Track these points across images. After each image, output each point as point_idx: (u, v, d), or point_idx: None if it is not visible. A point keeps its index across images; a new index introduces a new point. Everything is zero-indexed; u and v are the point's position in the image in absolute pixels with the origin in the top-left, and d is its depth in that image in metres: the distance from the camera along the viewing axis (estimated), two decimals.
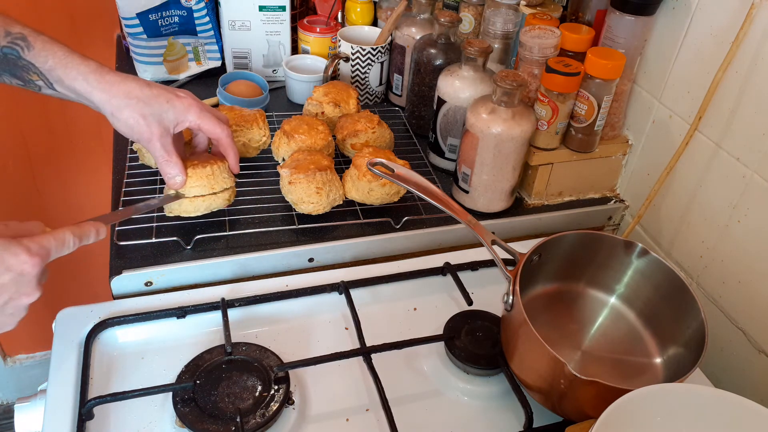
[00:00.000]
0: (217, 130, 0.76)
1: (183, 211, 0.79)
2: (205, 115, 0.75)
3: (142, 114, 0.71)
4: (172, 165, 0.75)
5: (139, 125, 0.71)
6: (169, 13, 1.10)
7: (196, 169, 0.78)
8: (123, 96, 0.70)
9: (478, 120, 0.84)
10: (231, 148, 0.79)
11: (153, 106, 0.71)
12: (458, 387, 0.70)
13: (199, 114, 0.75)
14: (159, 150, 0.73)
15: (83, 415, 0.61)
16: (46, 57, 0.69)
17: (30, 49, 0.68)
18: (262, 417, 0.62)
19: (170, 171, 0.76)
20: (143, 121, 0.71)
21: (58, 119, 1.46)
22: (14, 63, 0.69)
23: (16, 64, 0.69)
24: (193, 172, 0.77)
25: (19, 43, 0.68)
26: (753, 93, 0.73)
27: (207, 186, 0.79)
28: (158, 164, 0.75)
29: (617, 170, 0.97)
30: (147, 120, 0.71)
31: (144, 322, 0.71)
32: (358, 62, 1.09)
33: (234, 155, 0.80)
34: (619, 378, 0.69)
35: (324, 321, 0.76)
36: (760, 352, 0.75)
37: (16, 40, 0.68)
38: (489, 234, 0.71)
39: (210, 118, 0.76)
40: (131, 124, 0.71)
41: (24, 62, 0.69)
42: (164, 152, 0.74)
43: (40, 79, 0.70)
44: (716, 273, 0.81)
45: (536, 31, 0.87)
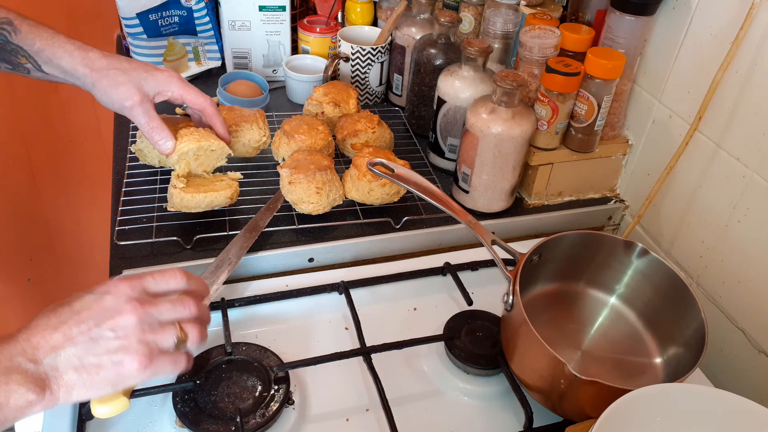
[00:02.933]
0: (200, 99, 0.79)
1: (184, 207, 0.80)
2: (187, 86, 0.78)
3: (120, 81, 0.73)
4: (158, 130, 0.77)
5: (118, 92, 0.73)
6: (169, 13, 1.10)
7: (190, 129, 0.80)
8: (103, 68, 0.73)
9: (478, 120, 0.84)
10: (216, 116, 0.82)
11: (131, 75, 0.74)
12: (458, 387, 0.70)
13: (181, 85, 0.77)
14: (141, 116, 0.75)
15: (83, 415, 0.62)
16: (33, 39, 0.71)
17: (17, 33, 0.70)
18: (262, 417, 0.62)
19: (156, 136, 0.77)
20: (122, 88, 0.73)
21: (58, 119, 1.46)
22: (2, 47, 0.70)
23: (4, 49, 0.71)
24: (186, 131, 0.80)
25: (5, 27, 0.70)
26: (753, 93, 0.73)
27: (196, 137, 0.79)
28: (144, 132, 0.77)
29: (617, 170, 0.97)
30: (126, 86, 0.73)
31: None
32: (358, 62, 1.10)
33: (221, 123, 0.82)
34: (619, 378, 0.69)
35: (324, 321, 0.76)
36: (760, 352, 0.75)
37: (3, 25, 0.70)
38: (489, 234, 0.71)
39: (192, 88, 0.79)
40: (110, 92, 0.73)
41: (12, 46, 0.70)
42: (147, 118, 0.75)
43: (28, 61, 0.72)
44: (716, 273, 0.81)
45: (536, 31, 0.87)
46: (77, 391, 0.51)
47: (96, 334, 0.52)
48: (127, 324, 0.53)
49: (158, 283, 0.57)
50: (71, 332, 0.51)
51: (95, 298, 0.53)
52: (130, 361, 0.52)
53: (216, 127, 0.82)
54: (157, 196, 0.86)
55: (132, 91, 0.73)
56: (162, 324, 0.55)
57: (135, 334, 0.53)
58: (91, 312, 0.52)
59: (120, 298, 0.53)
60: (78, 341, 0.51)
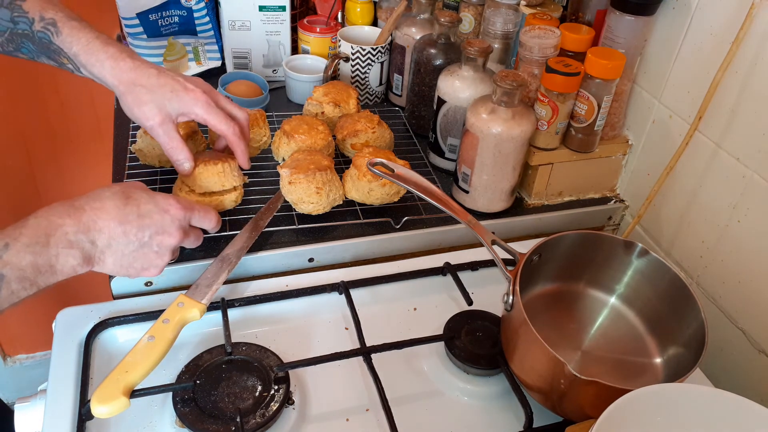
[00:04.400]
0: (222, 126, 0.77)
1: None
2: (212, 110, 0.76)
3: (144, 101, 0.73)
4: (177, 151, 0.77)
5: (141, 111, 0.74)
6: (169, 13, 1.10)
7: (207, 166, 0.79)
8: (129, 83, 0.73)
9: (478, 120, 0.84)
10: (238, 144, 0.80)
11: (156, 94, 0.74)
12: (458, 387, 0.70)
13: (207, 109, 0.76)
14: (162, 136, 0.76)
15: (83, 415, 0.62)
16: (71, 43, 0.72)
17: (59, 35, 0.72)
18: (262, 417, 0.62)
19: (175, 156, 0.78)
20: (145, 107, 0.74)
21: (58, 119, 1.46)
22: (47, 47, 0.73)
23: (48, 48, 0.73)
24: (204, 168, 0.79)
25: (49, 28, 0.72)
26: (753, 93, 0.73)
27: (218, 182, 0.80)
28: (165, 151, 0.77)
29: (617, 170, 0.97)
30: (148, 106, 0.73)
31: (144, 322, 0.71)
32: (358, 62, 1.09)
33: (242, 152, 0.81)
34: (619, 378, 0.69)
35: (324, 321, 0.76)
36: (760, 352, 0.75)
37: (48, 26, 0.72)
38: (489, 234, 0.71)
39: (217, 113, 0.77)
40: (133, 110, 0.74)
41: (55, 47, 0.73)
42: (167, 138, 0.76)
43: (69, 63, 0.74)
44: (716, 273, 0.81)
45: (536, 31, 0.87)
46: (105, 269, 0.63)
47: (146, 242, 0.64)
48: (168, 245, 0.66)
49: (200, 220, 0.71)
50: (130, 232, 0.63)
51: (157, 211, 0.65)
52: (153, 272, 0.67)
53: (236, 154, 0.82)
54: None
55: (154, 111, 0.74)
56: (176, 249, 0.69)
57: (168, 254, 0.67)
58: (151, 221, 0.64)
59: (175, 223, 0.66)
60: (131, 240, 0.63)
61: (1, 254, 0.54)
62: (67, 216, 0.59)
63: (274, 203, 0.85)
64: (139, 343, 0.63)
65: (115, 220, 0.62)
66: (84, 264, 0.60)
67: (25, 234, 0.56)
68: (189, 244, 0.72)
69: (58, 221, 0.58)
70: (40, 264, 0.56)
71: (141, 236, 0.63)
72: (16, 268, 0.55)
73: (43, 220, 0.58)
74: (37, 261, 0.56)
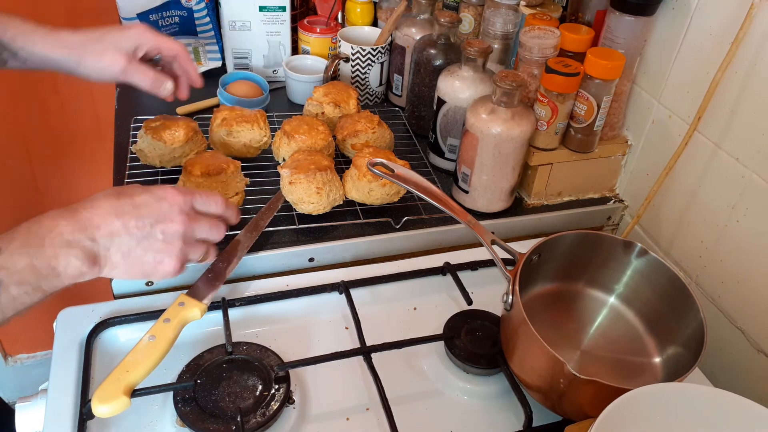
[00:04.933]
0: (174, 45, 0.81)
1: None
2: (160, 35, 0.80)
3: (101, 50, 0.74)
4: (158, 80, 0.79)
5: (104, 61, 0.74)
6: (170, 13, 1.10)
7: (211, 178, 0.80)
8: (79, 45, 0.74)
9: (478, 120, 0.84)
10: (190, 62, 0.83)
11: (107, 40, 0.75)
12: (458, 386, 0.70)
13: (154, 35, 0.79)
14: (136, 73, 0.77)
15: (84, 414, 0.62)
16: (6, 28, 0.72)
17: None
18: (263, 416, 0.63)
19: (159, 85, 0.79)
20: (106, 56, 0.74)
21: (58, 119, 1.46)
22: None
23: None
24: (208, 180, 0.80)
25: None
26: (752, 93, 0.73)
27: (221, 192, 0.80)
28: (145, 86, 0.78)
29: (616, 170, 0.98)
30: (109, 53, 0.74)
31: (145, 321, 0.72)
32: (358, 62, 1.10)
33: (194, 69, 0.84)
34: (619, 378, 0.69)
35: (324, 321, 0.77)
36: (759, 351, 0.75)
37: None
38: (489, 234, 0.71)
39: (165, 36, 0.80)
40: (97, 64, 0.75)
41: None
42: (141, 74, 0.77)
43: (5, 50, 0.72)
44: (715, 273, 0.81)
45: (536, 31, 0.87)
46: (118, 272, 0.60)
47: (148, 233, 0.61)
48: (174, 232, 0.62)
49: (204, 203, 0.67)
50: (129, 224, 0.60)
51: (154, 200, 0.62)
52: (168, 263, 0.63)
53: (190, 72, 0.84)
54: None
55: (116, 55, 0.75)
56: (197, 240, 0.65)
57: (178, 242, 0.63)
58: (149, 211, 0.61)
59: (174, 208, 0.63)
60: (133, 233, 0.60)
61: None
62: (61, 218, 0.57)
63: (274, 203, 0.85)
64: (140, 343, 0.63)
65: (111, 214, 0.59)
66: (89, 263, 0.58)
67: (18, 238, 0.54)
68: (206, 234, 0.66)
69: (52, 223, 0.56)
70: (39, 266, 0.54)
71: (141, 225, 0.61)
72: (12, 272, 0.53)
73: (35, 225, 0.56)
74: (34, 263, 0.54)
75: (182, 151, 0.88)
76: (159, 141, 0.86)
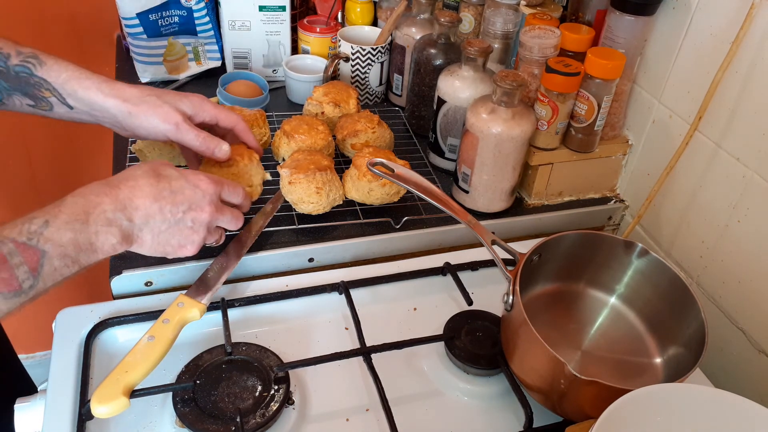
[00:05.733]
0: (232, 117, 0.81)
1: None
2: (218, 106, 0.80)
3: (159, 104, 0.73)
4: (209, 140, 0.76)
5: (160, 115, 0.73)
6: (169, 13, 1.10)
7: (223, 168, 0.79)
8: (137, 96, 0.73)
9: (478, 120, 0.84)
10: (248, 132, 0.83)
11: (167, 99, 0.74)
12: (458, 387, 0.70)
13: (213, 106, 0.79)
14: (188, 132, 0.74)
15: (83, 415, 0.62)
16: (59, 71, 0.72)
17: (42, 66, 0.71)
18: (262, 417, 0.62)
19: (212, 145, 0.76)
20: (162, 110, 0.73)
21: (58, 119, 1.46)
22: (26, 81, 0.71)
23: (28, 82, 0.71)
24: (219, 171, 0.79)
25: (31, 60, 0.71)
26: (753, 93, 0.73)
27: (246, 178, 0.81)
28: (196, 146, 0.75)
29: (617, 170, 0.97)
30: (165, 108, 0.73)
31: (144, 322, 0.71)
32: (358, 62, 1.09)
33: (252, 139, 0.84)
34: (619, 378, 0.69)
35: (324, 321, 0.76)
36: (760, 352, 0.75)
37: (29, 59, 0.71)
38: (489, 234, 0.71)
39: (223, 108, 0.80)
40: (150, 117, 0.73)
41: (36, 79, 0.71)
42: (194, 133, 0.75)
43: (52, 95, 0.72)
44: (716, 273, 0.81)
45: (536, 31, 0.87)
46: (143, 249, 0.65)
47: (180, 219, 0.65)
48: (202, 220, 0.67)
49: (230, 195, 0.71)
50: (165, 209, 0.64)
51: (189, 187, 0.66)
52: (190, 248, 0.67)
53: (249, 141, 0.84)
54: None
55: (172, 112, 0.74)
56: (217, 228, 0.71)
57: (203, 230, 0.67)
58: (184, 198, 0.65)
59: (206, 198, 0.67)
60: (167, 217, 0.64)
61: (42, 231, 0.55)
62: (104, 195, 0.60)
63: (274, 203, 0.85)
64: (139, 343, 0.63)
65: (150, 197, 0.63)
66: (123, 242, 0.61)
67: (65, 212, 0.57)
68: (227, 224, 0.71)
69: (96, 200, 0.60)
70: (81, 241, 0.58)
71: (176, 212, 0.64)
72: (57, 244, 0.56)
73: (81, 199, 0.59)
74: (77, 238, 0.57)
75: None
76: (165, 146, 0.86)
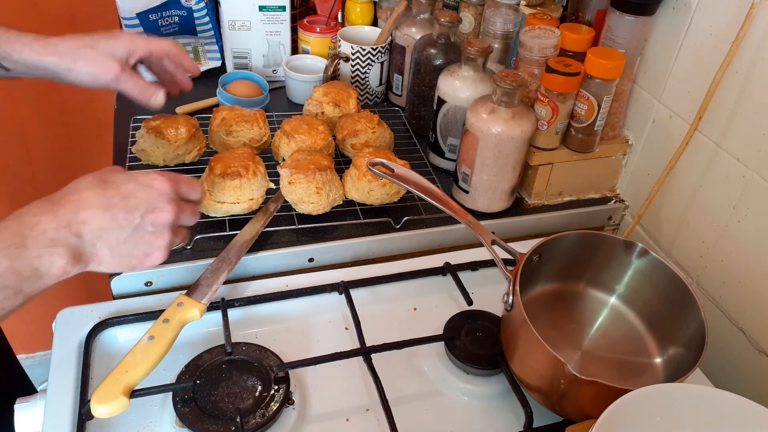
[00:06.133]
0: (164, 44, 0.80)
1: (203, 209, 0.81)
2: (148, 38, 0.78)
3: (95, 57, 0.73)
4: (147, 88, 0.77)
5: (98, 67, 0.73)
6: (169, 13, 1.10)
7: (225, 180, 0.79)
8: (70, 50, 0.72)
9: (478, 120, 0.84)
10: (183, 55, 0.82)
11: (101, 47, 0.74)
12: (458, 387, 0.70)
13: (145, 39, 0.78)
14: (128, 81, 0.75)
15: (83, 415, 0.62)
16: None
17: None
18: (262, 417, 0.62)
19: (149, 93, 0.77)
20: (99, 63, 0.73)
21: (58, 119, 1.46)
22: None
23: None
24: (221, 182, 0.79)
25: None
26: (753, 93, 0.73)
27: (232, 196, 0.80)
28: (135, 95, 0.77)
29: (617, 170, 0.97)
30: (102, 60, 0.73)
31: (144, 322, 0.71)
32: (358, 62, 1.09)
33: (188, 59, 0.83)
34: (619, 378, 0.69)
35: (324, 321, 0.76)
36: (760, 352, 0.75)
37: None
38: (489, 234, 0.71)
39: (155, 39, 0.79)
40: (90, 70, 0.73)
41: None
42: (132, 82, 0.76)
43: None
44: (716, 273, 0.81)
45: (536, 31, 0.87)
46: (104, 266, 0.57)
47: (138, 224, 0.58)
48: (164, 222, 0.59)
49: (188, 191, 0.64)
50: (119, 216, 0.56)
51: (141, 188, 0.58)
52: (157, 255, 0.60)
53: (184, 64, 0.83)
54: None
55: (109, 62, 0.73)
56: (180, 228, 0.63)
57: (167, 232, 0.60)
58: (138, 201, 0.58)
59: (163, 197, 0.59)
60: (122, 225, 0.57)
61: None
62: (43, 213, 0.53)
63: (273, 203, 0.85)
64: (139, 343, 0.63)
65: (98, 207, 0.55)
66: (74, 262, 0.54)
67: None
68: (187, 221, 0.64)
69: (34, 220, 0.52)
70: (21, 269, 0.51)
71: (132, 218, 0.57)
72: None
73: (15, 222, 0.52)
74: (15, 266, 0.50)
75: (185, 149, 0.89)
76: (162, 139, 0.86)
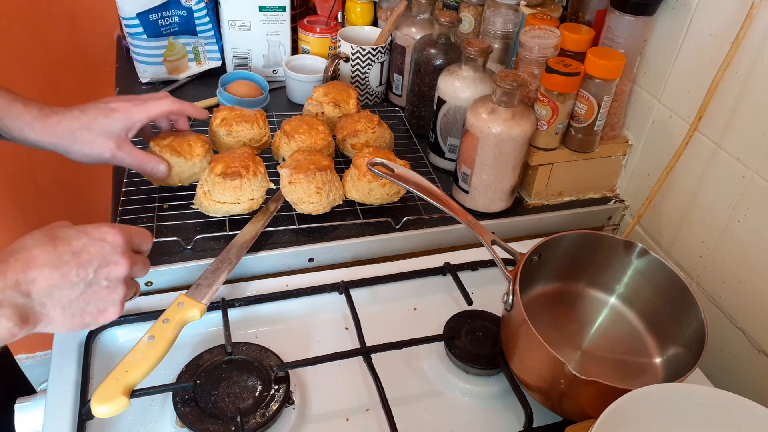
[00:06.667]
0: (162, 107, 0.80)
1: (203, 208, 0.81)
2: (147, 106, 0.78)
3: (91, 139, 0.74)
4: (146, 162, 0.79)
5: (93, 149, 0.75)
6: (169, 13, 1.10)
7: (225, 181, 0.79)
8: (67, 132, 0.73)
9: (478, 120, 0.84)
10: (184, 109, 0.82)
11: (97, 128, 0.74)
12: (458, 387, 0.70)
13: (142, 109, 0.78)
14: (125, 158, 0.77)
15: (83, 414, 0.62)
16: None
17: None
18: (263, 417, 0.62)
19: (148, 167, 0.80)
20: (96, 144, 0.75)
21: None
22: None
23: None
24: (221, 182, 0.79)
25: None
26: (753, 93, 0.73)
27: (232, 196, 0.80)
28: (136, 169, 0.79)
29: (617, 170, 0.97)
30: (98, 141, 0.75)
31: (144, 321, 0.71)
32: (358, 62, 1.10)
33: (191, 109, 0.83)
34: (619, 378, 0.69)
35: (324, 321, 0.76)
36: (759, 352, 0.75)
37: None
38: (489, 234, 0.71)
39: (149, 105, 0.79)
40: (86, 152, 0.75)
41: None
42: (131, 157, 0.78)
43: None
44: (716, 273, 0.81)
45: (536, 31, 0.87)
46: (54, 326, 0.54)
47: (92, 280, 0.55)
48: (119, 276, 0.57)
49: (140, 242, 0.62)
50: (70, 274, 0.54)
51: (94, 243, 0.56)
52: (112, 311, 0.58)
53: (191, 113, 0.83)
54: (158, 195, 0.86)
55: (106, 143, 0.75)
56: (132, 281, 0.61)
57: (122, 287, 0.58)
58: (89, 257, 0.55)
59: (117, 250, 0.57)
60: (74, 283, 0.54)
61: None
62: None
63: (274, 203, 0.85)
64: (139, 343, 0.63)
65: (48, 265, 0.53)
66: (22, 324, 0.52)
67: None
68: (139, 273, 0.61)
69: None
70: None
71: (84, 274, 0.55)
72: None
73: None
74: None
75: (201, 166, 0.85)
76: (179, 157, 0.83)
